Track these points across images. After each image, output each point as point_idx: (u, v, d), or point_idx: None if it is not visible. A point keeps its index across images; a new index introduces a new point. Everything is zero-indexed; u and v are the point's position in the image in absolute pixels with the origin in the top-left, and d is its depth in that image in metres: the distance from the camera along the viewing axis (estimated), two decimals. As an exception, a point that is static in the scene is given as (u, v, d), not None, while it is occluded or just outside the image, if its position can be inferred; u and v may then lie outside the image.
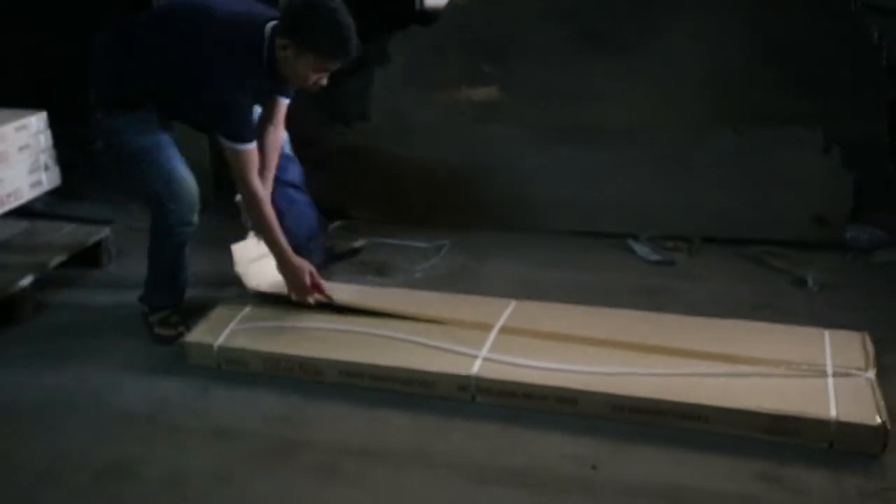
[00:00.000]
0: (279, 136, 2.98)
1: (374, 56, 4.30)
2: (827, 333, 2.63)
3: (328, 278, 3.03)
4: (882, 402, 2.29)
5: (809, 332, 2.68)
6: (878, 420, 2.22)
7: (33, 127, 3.55)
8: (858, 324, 2.75)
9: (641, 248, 3.51)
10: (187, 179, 2.79)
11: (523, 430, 2.40)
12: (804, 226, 3.49)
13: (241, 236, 3.09)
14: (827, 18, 3.55)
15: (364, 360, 2.62)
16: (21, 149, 3.48)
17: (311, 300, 2.85)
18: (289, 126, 3.04)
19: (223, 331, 2.79)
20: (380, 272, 3.43)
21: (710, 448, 2.27)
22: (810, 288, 3.15)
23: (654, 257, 3.45)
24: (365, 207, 3.94)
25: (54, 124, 3.64)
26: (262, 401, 2.59)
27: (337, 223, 3.82)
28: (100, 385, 2.70)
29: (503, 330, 2.71)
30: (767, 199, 3.52)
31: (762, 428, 2.28)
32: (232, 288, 3.09)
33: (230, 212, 4.01)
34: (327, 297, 2.87)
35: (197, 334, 2.81)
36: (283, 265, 2.82)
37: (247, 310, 2.92)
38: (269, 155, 2.92)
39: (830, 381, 2.38)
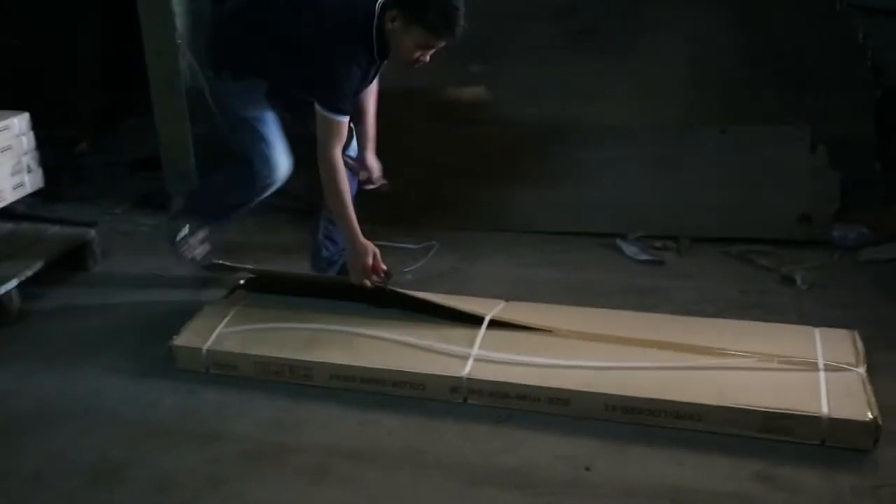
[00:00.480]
0: (373, 96, 3.01)
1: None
2: (817, 331, 2.63)
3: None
4: (873, 399, 2.30)
5: (800, 330, 2.69)
6: (870, 416, 2.23)
7: (16, 128, 3.50)
8: (847, 322, 2.77)
9: (630, 248, 3.51)
10: (285, 154, 2.93)
11: (516, 431, 2.39)
12: (791, 225, 3.50)
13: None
14: (813, 18, 3.57)
15: (354, 363, 2.60)
16: (3, 150, 3.44)
17: (367, 282, 2.80)
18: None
19: (211, 334, 2.77)
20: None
21: (705, 447, 2.27)
22: (799, 286, 3.16)
23: (643, 257, 3.45)
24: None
25: (38, 126, 3.60)
26: (252, 404, 2.56)
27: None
28: (88, 389, 2.67)
29: (494, 330, 2.70)
30: (755, 199, 3.53)
31: (755, 426, 2.28)
32: (216, 289, 3.07)
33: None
34: (384, 281, 2.83)
35: (184, 338, 2.78)
36: (350, 243, 2.80)
37: (234, 311, 2.89)
38: (365, 112, 2.98)
39: (822, 378, 2.38)
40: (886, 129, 3.57)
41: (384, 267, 2.82)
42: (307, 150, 2.79)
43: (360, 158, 3.06)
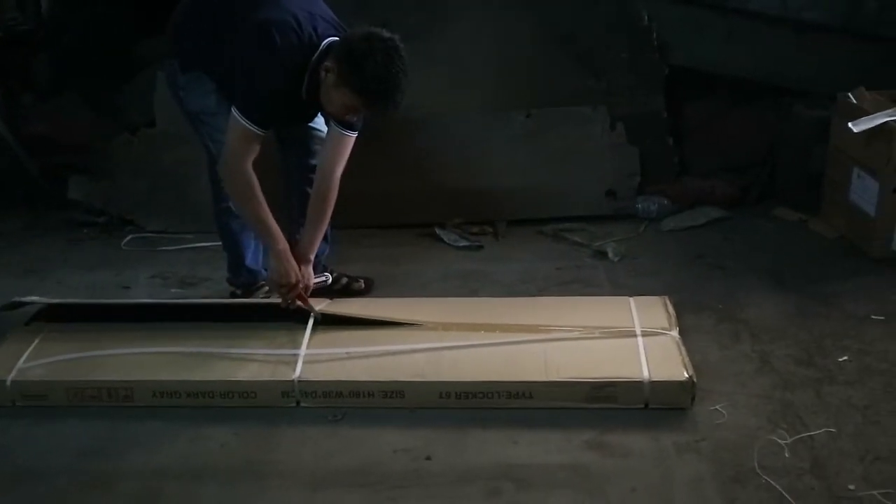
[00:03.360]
0: (331, 181, 2.73)
1: (154, 59, 4.10)
2: (632, 300, 2.76)
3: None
4: (687, 359, 2.43)
5: (616, 300, 2.81)
6: (686, 375, 2.36)
7: None
8: (657, 288, 2.94)
9: (449, 236, 3.55)
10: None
11: (353, 430, 2.36)
12: (598, 200, 3.66)
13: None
14: (601, 4, 3.72)
15: (177, 378, 2.48)
16: None
17: (289, 302, 2.65)
18: (69, 136, 2.83)
19: (15, 364, 2.55)
20: (185, 283, 3.28)
21: (538, 424, 2.32)
22: (611, 259, 3.31)
23: (462, 243, 3.50)
24: (156, 217, 3.77)
25: None
26: (69, 434, 2.38)
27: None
28: None
29: (319, 330, 2.64)
30: (562, 178, 3.66)
31: (583, 397, 2.36)
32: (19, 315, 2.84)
33: (7, 233, 3.77)
34: (307, 305, 2.67)
35: (-17, 371, 2.54)
36: (275, 256, 2.63)
37: (39, 340, 2.67)
38: (314, 197, 2.75)
39: (640, 344, 2.50)
40: (674, 104, 3.79)
41: (308, 287, 2.70)
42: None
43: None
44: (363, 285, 3.11)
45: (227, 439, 2.34)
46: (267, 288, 2.93)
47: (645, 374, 2.37)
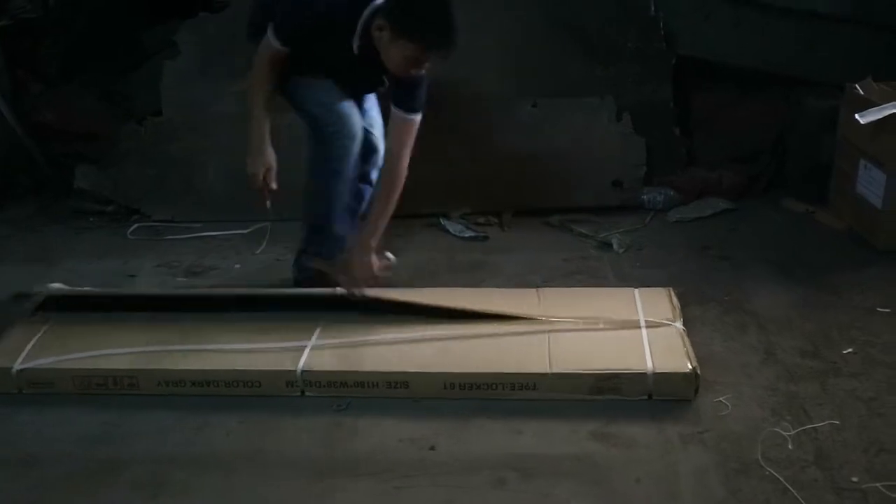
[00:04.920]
0: (398, 168, 2.69)
1: (162, 48, 4.11)
2: (636, 291, 2.76)
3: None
4: (691, 351, 2.43)
5: (620, 291, 2.81)
6: (690, 366, 2.36)
7: None
8: (662, 280, 2.93)
9: (454, 227, 3.55)
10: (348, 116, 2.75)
11: (357, 419, 2.36)
12: (604, 191, 3.65)
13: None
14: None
15: (183, 367, 2.49)
16: None
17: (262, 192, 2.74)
18: (76, 124, 2.83)
19: (21, 352, 2.56)
20: (191, 272, 3.29)
21: (542, 414, 2.32)
22: (616, 250, 3.31)
23: (468, 234, 3.50)
24: (163, 205, 3.77)
25: None
26: (75, 421, 2.39)
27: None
28: None
29: (326, 319, 2.65)
30: (569, 169, 3.65)
31: (587, 388, 2.36)
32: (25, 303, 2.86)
33: (14, 221, 3.79)
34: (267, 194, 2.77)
35: (-9, 358, 2.56)
36: (251, 147, 2.77)
37: (46, 328, 2.69)
38: (382, 183, 2.74)
39: (644, 336, 2.50)
40: (682, 94, 3.78)
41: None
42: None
43: (348, 257, 2.72)
44: None
45: (232, 428, 2.35)
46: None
47: (649, 366, 2.37)
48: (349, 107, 2.75)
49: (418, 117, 2.66)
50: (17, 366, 2.52)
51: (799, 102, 3.68)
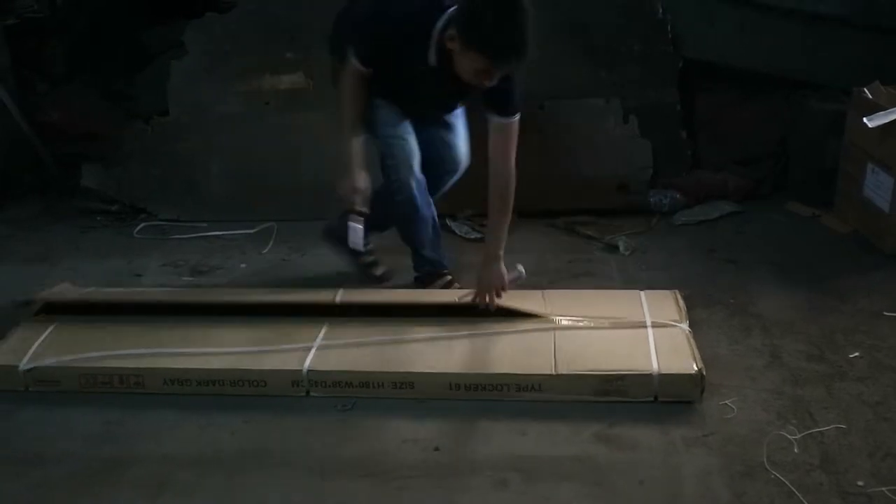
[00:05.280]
0: (506, 174, 2.65)
1: (167, 48, 4.12)
2: (642, 294, 2.75)
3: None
4: (697, 353, 2.42)
5: (626, 294, 2.80)
6: (695, 368, 2.35)
7: None
8: (668, 282, 2.93)
9: (460, 228, 3.55)
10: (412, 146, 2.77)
11: (362, 419, 2.37)
12: (611, 194, 3.65)
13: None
14: (618, -4, 3.71)
15: (189, 366, 2.49)
16: None
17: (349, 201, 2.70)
18: (82, 124, 2.83)
19: (28, 350, 2.56)
20: (196, 271, 3.29)
21: (547, 416, 2.32)
22: (622, 252, 3.30)
23: (474, 235, 3.50)
24: (169, 205, 3.78)
25: None
26: (80, 420, 2.40)
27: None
28: None
29: (332, 320, 2.65)
30: (575, 171, 3.65)
31: (593, 390, 2.36)
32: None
33: (19, 220, 3.80)
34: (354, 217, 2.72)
35: (-3, 356, 2.57)
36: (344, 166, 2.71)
37: (52, 327, 2.69)
38: (493, 194, 2.68)
39: (651, 338, 2.49)
40: (687, 97, 3.77)
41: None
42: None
43: (481, 274, 2.71)
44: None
45: (237, 427, 2.35)
46: (449, 277, 2.98)
47: (655, 367, 2.36)
48: (406, 135, 2.77)
49: (516, 119, 2.62)
50: (25, 364, 2.52)
51: (804, 106, 3.67)
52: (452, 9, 2.49)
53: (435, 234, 2.97)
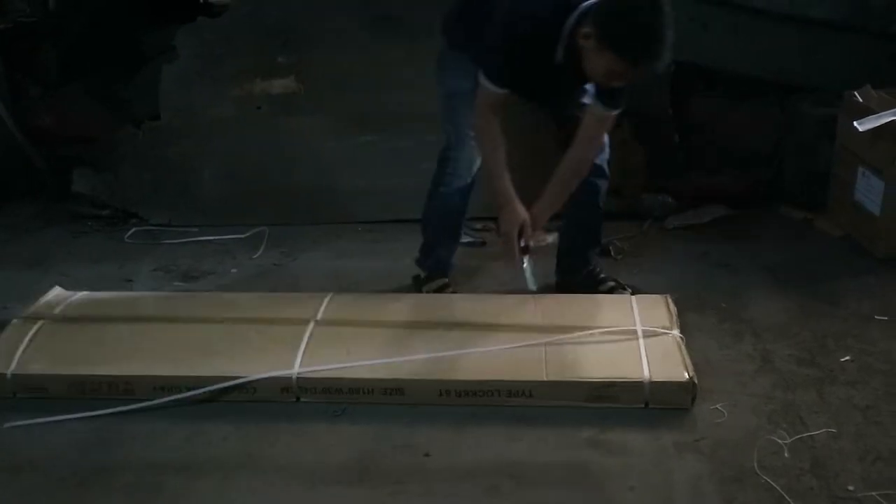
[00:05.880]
0: (584, 157, 2.68)
1: (160, 52, 4.11)
2: (633, 299, 2.75)
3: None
4: (688, 359, 2.42)
5: (617, 298, 2.80)
6: (686, 376, 2.35)
7: None
8: (659, 286, 2.92)
9: (453, 232, 3.54)
10: (471, 137, 2.75)
11: (352, 425, 2.36)
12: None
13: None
14: None
15: (178, 373, 2.48)
16: None
17: (514, 246, 2.66)
18: (74, 128, 2.82)
19: (15, 355, 2.55)
20: (188, 276, 3.28)
21: (538, 422, 2.32)
22: (613, 257, 3.30)
23: (466, 239, 3.48)
24: (161, 209, 3.77)
25: None
26: (68, 427, 2.38)
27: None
28: None
29: (322, 325, 2.65)
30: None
31: (583, 396, 2.36)
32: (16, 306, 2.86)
33: (11, 225, 3.79)
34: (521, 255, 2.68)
35: (-17, 363, 2.55)
36: (502, 206, 2.67)
37: (39, 326, 2.68)
38: (567, 166, 2.68)
39: (641, 344, 2.49)
40: (680, 101, 3.78)
41: (531, 241, 2.68)
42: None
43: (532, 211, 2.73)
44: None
45: (227, 433, 2.34)
46: (446, 281, 2.99)
47: (645, 375, 2.36)
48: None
49: (617, 112, 2.63)
50: (11, 370, 2.51)
51: (797, 109, 3.68)
52: (584, 4, 2.43)
53: (456, 238, 3.01)
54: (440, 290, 2.98)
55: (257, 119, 3.77)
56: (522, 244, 2.68)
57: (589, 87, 2.65)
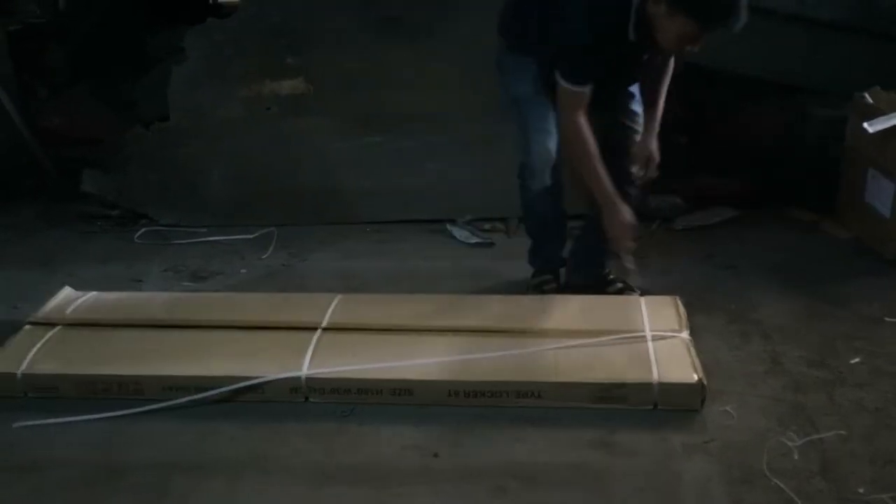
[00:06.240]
0: (668, 75, 2.74)
1: (168, 53, 4.13)
2: (642, 300, 2.74)
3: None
4: (697, 361, 2.41)
5: (626, 300, 2.80)
6: (696, 378, 2.35)
7: None
8: (668, 288, 2.91)
9: (460, 232, 3.55)
10: (541, 140, 2.73)
11: (360, 426, 2.36)
12: (611, 199, 3.63)
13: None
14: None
15: (187, 373, 2.48)
16: None
17: (629, 245, 2.64)
18: (82, 129, 2.83)
19: (26, 356, 2.56)
20: (197, 277, 3.29)
21: (547, 423, 2.31)
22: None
23: (474, 240, 3.50)
24: (169, 210, 3.78)
25: None
26: (78, 427, 2.38)
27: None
28: None
29: (330, 326, 2.65)
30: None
31: (592, 398, 2.35)
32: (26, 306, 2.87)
33: (20, 225, 3.80)
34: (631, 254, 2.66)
35: (-5, 363, 2.56)
36: (608, 204, 2.60)
37: (55, 331, 2.69)
38: (653, 98, 2.76)
39: (650, 345, 2.48)
40: (687, 102, 3.76)
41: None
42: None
43: (642, 144, 2.80)
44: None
45: (235, 434, 2.34)
46: (549, 277, 2.99)
47: (654, 376, 2.36)
48: (554, 130, 2.74)
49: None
50: (22, 370, 2.52)
51: (805, 111, 3.67)
52: None
53: (559, 237, 3.00)
54: (539, 286, 2.97)
55: (265, 120, 3.77)
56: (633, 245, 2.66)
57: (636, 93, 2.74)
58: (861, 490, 2.03)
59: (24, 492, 2.16)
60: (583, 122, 2.55)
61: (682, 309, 2.68)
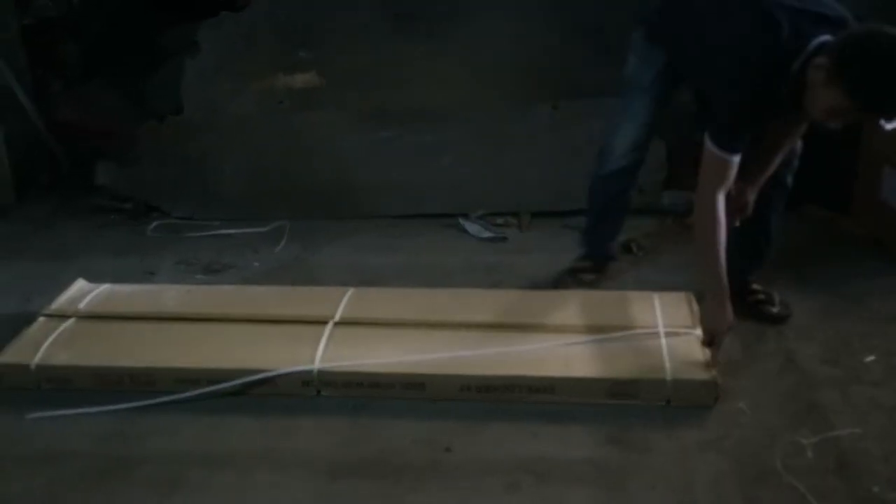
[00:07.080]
0: (790, 138, 2.62)
1: (182, 46, 4.13)
2: (656, 296, 2.73)
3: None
4: (711, 357, 2.40)
5: (639, 295, 2.78)
6: (709, 375, 2.34)
7: None
8: (681, 284, 2.89)
9: (473, 227, 3.55)
10: (631, 127, 2.74)
11: (373, 420, 2.36)
12: (624, 194, 3.62)
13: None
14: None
15: (199, 366, 2.49)
16: None
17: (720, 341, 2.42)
18: (96, 122, 2.84)
19: (40, 347, 2.57)
20: (210, 270, 3.30)
21: (559, 418, 2.31)
22: (635, 253, 3.29)
23: (487, 234, 3.49)
24: (182, 203, 3.79)
25: None
26: (91, 418, 2.39)
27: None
28: None
29: (343, 320, 2.65)
30: (588, 170, 3.62)
31: (605, 393, 2.35)
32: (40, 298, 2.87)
33: (34, 218, 3.81)
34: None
35: (10, 354, 2.57)
36: (714, 299, 2.41)
37: (69, 323, 2.70)
38: (766, 153, 2.59)
39: (663, 341, 2.48)
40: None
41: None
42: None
43: (740, 192, 2.59)
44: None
45: (248, 426, 2.35)
46: (587, 265, 3.01)
47: (668, 373, 2.35)
48: (652, 122, 2.77)
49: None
50: (36, 362, 2.53)
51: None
52: (818, 41, 2.19)
53: (613, 225, 3.02)
54: (575, 272, 3.00)
55: (278, 114, 3.77)
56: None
57: None
58: (876, 489, 2.02)
59: (38, 483, 2.17)
60: (721, 201, 2.36)
61: (695, 305, 2.67)
